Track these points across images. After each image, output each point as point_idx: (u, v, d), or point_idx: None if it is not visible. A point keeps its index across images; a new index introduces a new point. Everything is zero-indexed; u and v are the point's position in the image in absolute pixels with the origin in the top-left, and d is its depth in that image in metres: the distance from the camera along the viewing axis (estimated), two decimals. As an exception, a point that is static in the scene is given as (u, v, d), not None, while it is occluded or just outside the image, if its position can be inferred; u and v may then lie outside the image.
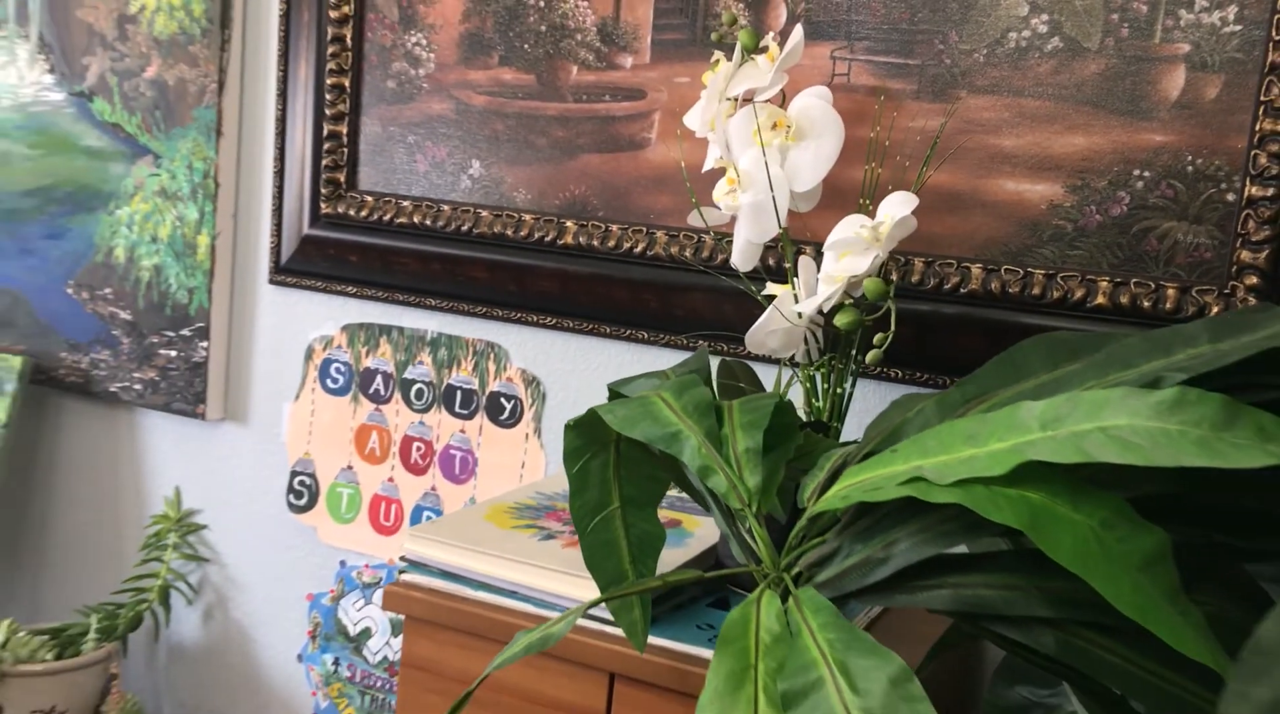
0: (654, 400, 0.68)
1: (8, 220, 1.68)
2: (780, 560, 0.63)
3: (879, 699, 0.51)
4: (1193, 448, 0.52)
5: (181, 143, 1.53)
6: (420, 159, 1.38)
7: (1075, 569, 0.52)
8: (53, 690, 1.47)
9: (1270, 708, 0.44)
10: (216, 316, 1.54)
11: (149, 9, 1.54)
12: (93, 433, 1.68)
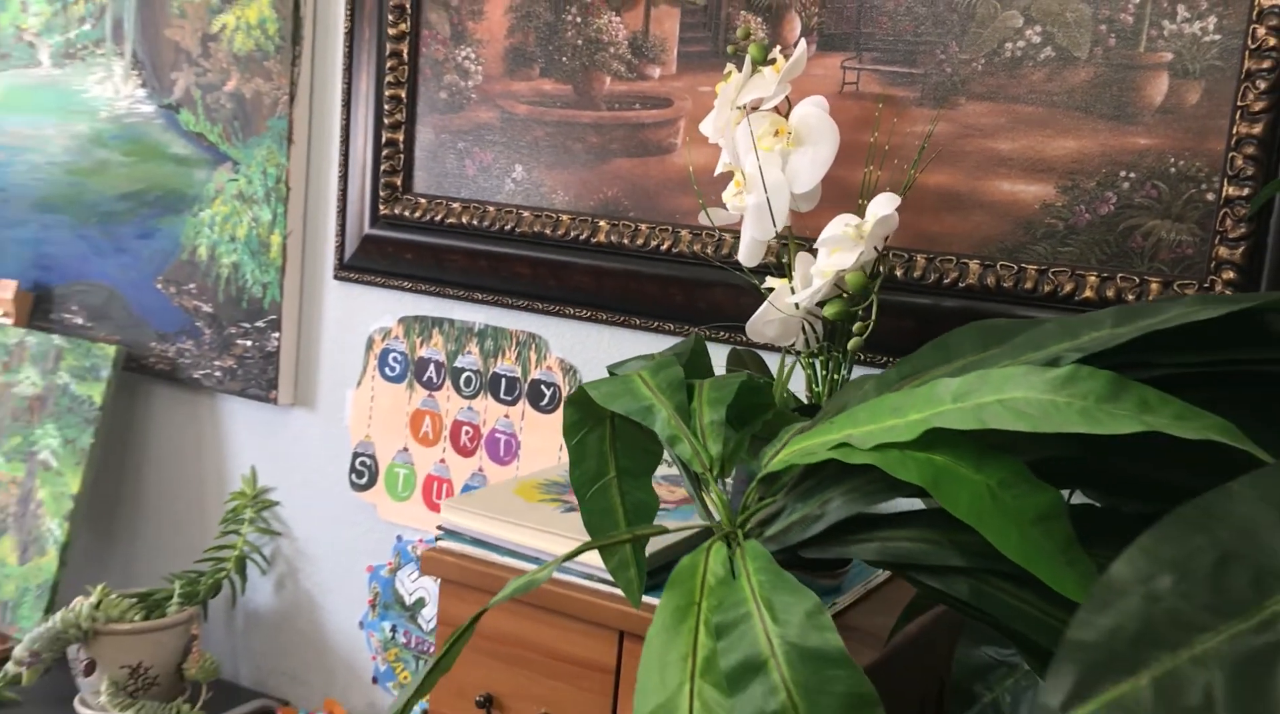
0: (634, 378, 0.77)
1: (105, 222, 1.84)
2: (736, 518, 0.72)
3: (795, 628, 0.59)
4: (1077, 417, 0.59)
5: (257, 150, 1.66)
6: (469, 164, 1.49)
7: (970, 521, 0.60)
8: (139, 648, 1.62)
9: (1110, 634, 0.51)
10: (287, 309, 1.67)
11: (229, 28, 1.68)
12: (178, 416, 1.83)
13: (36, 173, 1.91)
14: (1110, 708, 0.50)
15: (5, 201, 1.95)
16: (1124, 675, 0.50)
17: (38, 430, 1.80)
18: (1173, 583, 0.52)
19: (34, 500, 1.78)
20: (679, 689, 0.60)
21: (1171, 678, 0.50)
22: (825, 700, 0.57)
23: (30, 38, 1.91)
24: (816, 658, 0.58)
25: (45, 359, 1.83)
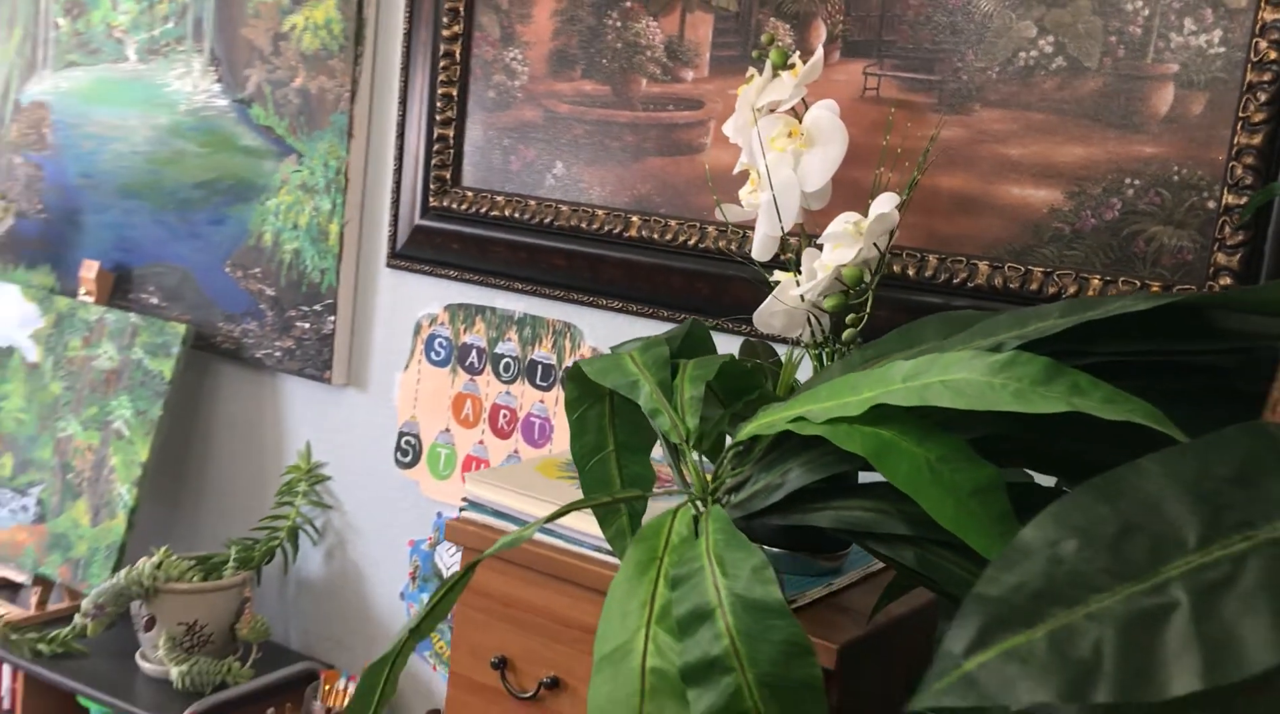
0: (624, 356, 0.83)
1: (181, 208, 1.95)
2: (708, 486, 0.77)
3: (742, 582, 0.65)
4: (1010, 397, 0.64)
5: (320, 143, 1.76)
6: (513, 159, 1.56)
7: (908, 491, 0.65)
8: (196, 607, 1.72)
9: (1013, 590, 0.56)
10: (343, 295, 1.76)
11: (298, 28, 1.78)
12: (241, 393, 1.93)
13: (121, 161, 2.04)
14: (1006, 656, 0.55)
15: (93, 187, 2.08)
16: (1022, 628, 0.55)
17: (113, 401, 1.92)
18: (1076, 547, 0.57)
19: (107, 466, 1.90)
20: (636, 633, 0.66)
21: (1066, 631, 0.55)
22: (764, 647, 0.63)
23: (119, 34, 2.04)
24: (759, 608, 0.64)
25: (122, 335, 1.95)
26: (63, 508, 1.92)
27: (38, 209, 2.17)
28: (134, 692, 1.70)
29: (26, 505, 1.98)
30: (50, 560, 1.90)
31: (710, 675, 0.63)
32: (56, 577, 1.89)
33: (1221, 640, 0.52)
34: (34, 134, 2.17)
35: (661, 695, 0.64)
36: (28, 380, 2.04)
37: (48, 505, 1.94)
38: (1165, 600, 0.54)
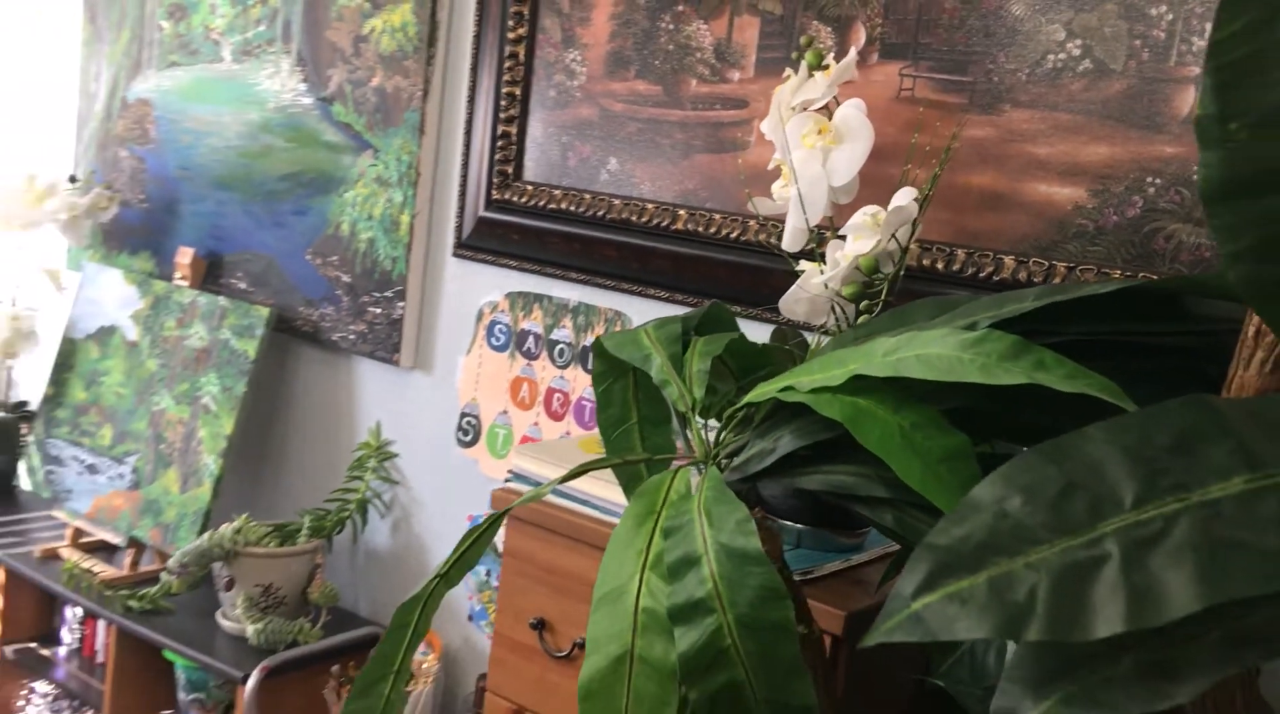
0: (640, 332, 0.90)
1: (268, 199, 2.08)
2: (712, 450, 0.84)
3: (726, 533, 0.71)
4: (976, 371, 0.69)
5: (394, 139, 1.86)
6: (570, 155, 1.64)
7: (880, 454, 0.70)
8: (272, 570, 1.84)
9: (960, 540, 0.61)
10: (411, 282, 1.86)
11: (377, 30, 1.88)
12: (317, 373, 2.05)
13: (215, 155, 2.17)
14: (949, 598, 0.60)
15: (189, 179, 2.22)
16: (965, 574, 0.60)
17: (202, 378, 2.05)
18: (1020, 503, 0.62)
19: (195, 439, 2.03)
20: (631, 576, 0.73)
21: (1005, 578, 0.60)
22: (743, 591, 0.69)
23: (216, 36, 2.17)
24: (739, 556, 0.70)
25: (212, 317, 2.08)
26: (155, 476, 2.06)
27: (140, 199, 2.32)
28: (214, 647, 1.82)
29: (123, 473, 2.12)
30: (143, 524, 2.04)
31: (695, 615, 0.70)
32: (148, 540, 2.02)
33: (1146, 589, 0.57)
34: (138, 129, 2.32)
35: (651, 632, 0.71)
36: (127, 357, 2.19)
37: (142, 473, 2.08)
38: (1098, 553, 0.59)
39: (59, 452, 2.22)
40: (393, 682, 0.86)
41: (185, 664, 1.92)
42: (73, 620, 2.22)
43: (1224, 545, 0.57)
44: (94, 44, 2.41)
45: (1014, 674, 0.63)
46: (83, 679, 2.15)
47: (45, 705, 2.18)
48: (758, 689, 0.69)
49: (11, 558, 2.09)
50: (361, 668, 0.87)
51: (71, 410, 2.24)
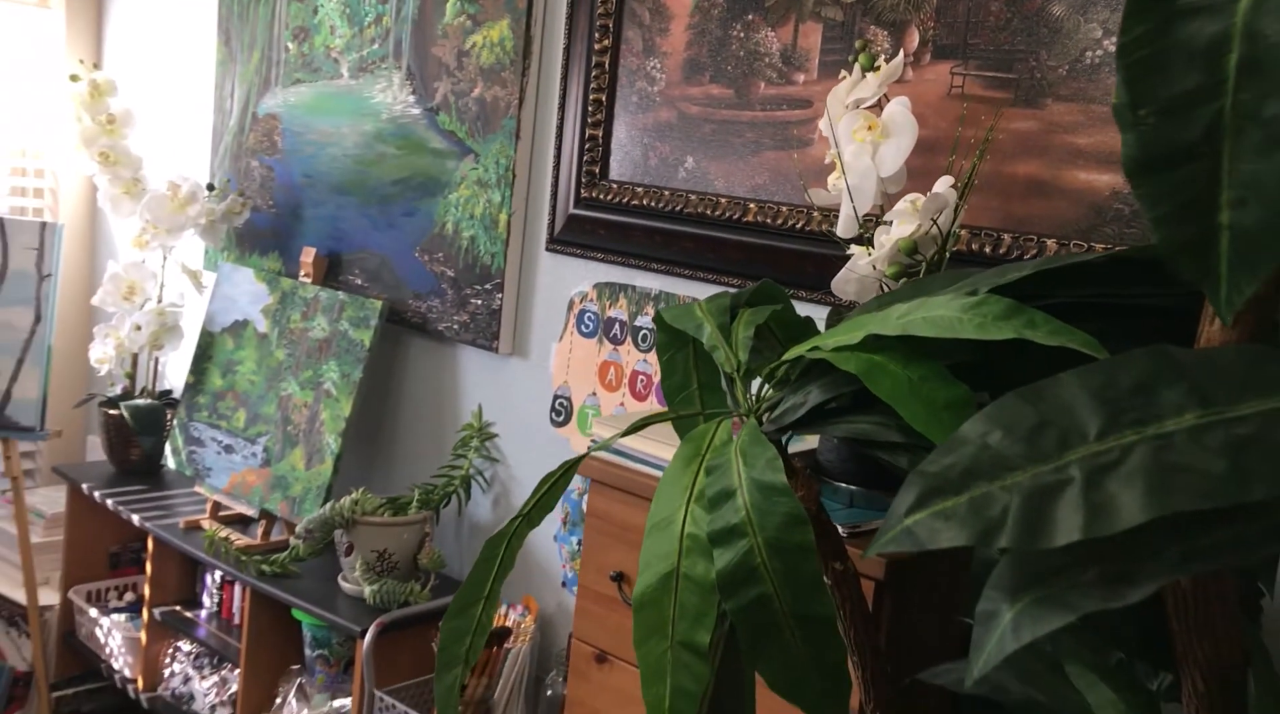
0: (694, 306, 1.01)
1: (381, 203, 2.26)
2: (752, 406, 0.95)
3: (758, 470, 0.82)
4: (973, 328, 0.79)
5: (492, 144, 2.01)
6: (651, 155, 1.77)
7: (890, 402, 0.80)
8: (385, 537, 2.01)
9: (948, 468, 0.71)
10: (509, 275, 2.01)
11: (478, 45, 2.04)
12: (425, 360, 2.22)
13: (335, 163, 2.36)
14: (935, 515, 0.70)
15: (312, 186, 2.42)
16: (950, 496, 0.70)
17: (324, 366, 2.24)
18: (1000, 437, 0.71)
19: (318, 420, 2.22)
20: (678, 508, 0.85)
21: (984, 498, 0.70)
22: (770, 517, 0.80)
23: (335, 55, 2.36)
24: (768, 488, 0.81)
25: (332, 310, 2.27)
26: (283, 454, 2.26)
27: (269, 205, 2.53)
28: (335, 606, 2.00)
29: (255, 452, 2.33)
30: (273, 498, 2.24)
31: (730, 539, 0.81)
32: (277, 511, 2.22)
33: (1101, 506, 0.66)
34: (267, 141, 2.53)
35: (694, 554, 0.83)
36: (258, 348, 2.40)
37: (272, 452, 2.29)
38: (1064, 477, 0.69)
39: (199, 434, 2.45)
40: (483, 605, 1.00)
41: (311, 622, 2.11)
42: (212, 585, 2.44)
43: (1171, 469, 0.66)
44: (228, 64, 2.63)
45: (996, 583, 0.73)
46: (221, 638, 2.36)
47: (188, 662, 2.40)
48: (783, 601, 0.80)
49: (159, 529, 2.32)
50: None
51: (210, 396, 2.46)
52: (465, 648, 0.99)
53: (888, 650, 1.18)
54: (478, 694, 1.79)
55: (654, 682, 0.81)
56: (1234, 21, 0.52)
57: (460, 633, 0.98)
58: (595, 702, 1.43)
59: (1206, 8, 0.53)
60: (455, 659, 0.98)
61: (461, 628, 0.98)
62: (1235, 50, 0.53)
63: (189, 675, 2.37)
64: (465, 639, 0.99)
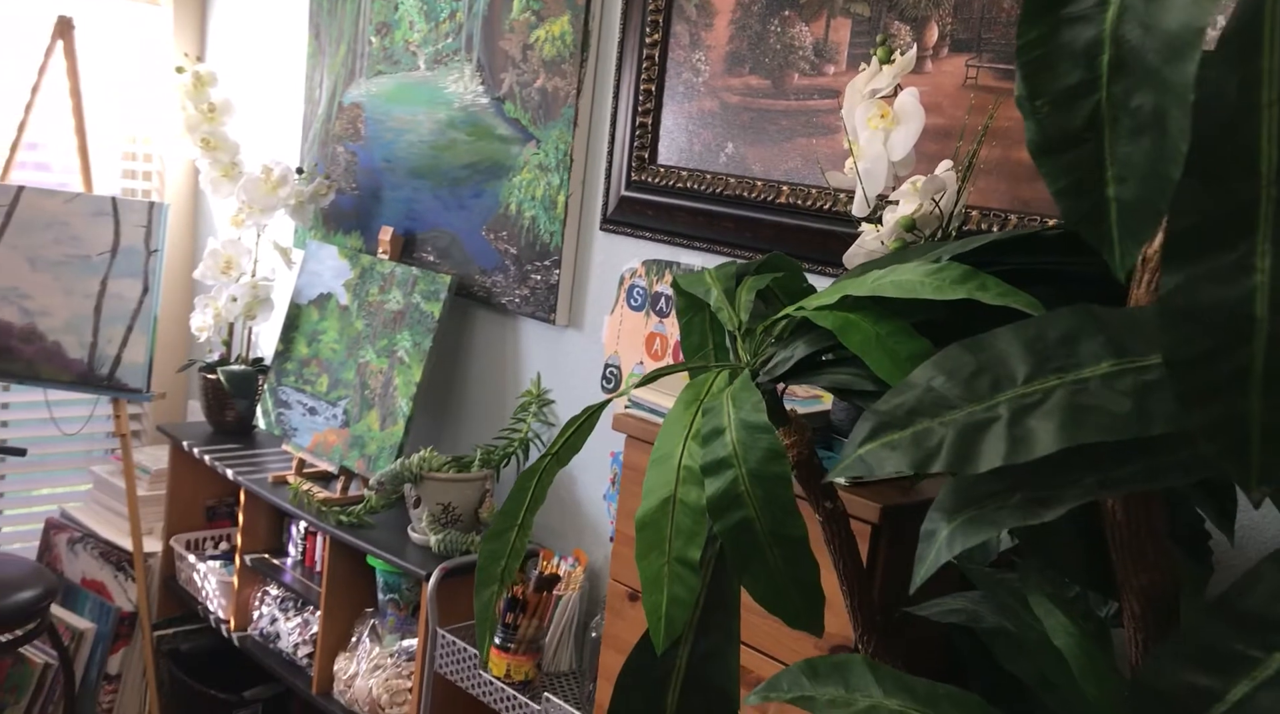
0: (705, 272, 1.13)
1: (452, 185, 2.41)
2: (750, 360, 1.06)
3: (744, 412, 0.94)
4: (930, 290, 0.89)
5: (553, 131, 2.14)
6: (695, 142, 1.88)
7: (859, 354, 0.91)
8: (450, 492, 2.16)
9: (896, 407, 0.82)
10: (566, 252, 2.14)
11: (541, 39, 2.17)
12: (489, 331, 2.37)
13: (411, 149, 2.52)
14: (884, 446, 0.81)
15: (390, 170, 2.59)
16: (897, 430, 0.81)
17: (398, 336, 2.41)
18: (943, 381, 0.82)
19: (392, 385, 2.38)
20: (677, 444, 0.97)
21: (924, 432, 0.80)
22: (753, 451, 0.92)
23: (413, 48, 2.52)
24: (752, 427, 0.93)
25: (406, 285, 2.43)
26: (361, 416, 2.43)
27: (352, 187, 2.70)
28: (405, 553, 2.16)
29: (336, 414, 2.50)
30: (351, 456, 2.41)
31: (719, 470, 0.93)
32: (355, 468, 2.39)
33: (1021, 437, 0.77)
34: (351, 128, 2.70)
35: (688, 483, 0.95)
36: (340, 319, 2.57)
37: (350, 414, 2.46)
38: (993, 415, 0.79)
39: (287, 397, 2.64)
40: (516, 531, 1.13)
41: (384, 568, 2.28)
42: (297, 536, 2.63)
43: (1083, 408, 0.77)
44: (317, 58, 2.81)
45: (937, 507, 0.84)
46: (304, 583, 2.55)
47: (275, 605, 2.59)
48: (763, 523, 0.91)
49: (250, 483, 2.51)
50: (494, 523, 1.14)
51: (297, 363, 2.64)
52: (501, 568, 1.12)
53: (883, 589, 1.29)
54: (529, 634, 1.94)
55: (653, 591, 0.94)
56: (1104, 28, 0.62)
57: (496, 555, 1.11)
58: (629, 635, 1.56)
59: (1083, 16, 0.63)
60: (492, 578, 1.11)
61: (497, 550, 1.11)
62: (1106, 52, 0.63)
63: (275, 617, 2.56)
64: (501, 561, 1.11)
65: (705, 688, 0.99)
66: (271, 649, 2.52)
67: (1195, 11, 0.58)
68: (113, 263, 2.67)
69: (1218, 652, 0.73)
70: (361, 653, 2.29)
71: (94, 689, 2.85)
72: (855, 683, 0.95)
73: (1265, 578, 0.72)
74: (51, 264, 2.66)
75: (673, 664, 0.99)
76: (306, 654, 2.44)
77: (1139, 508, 0.89)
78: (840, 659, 0.97)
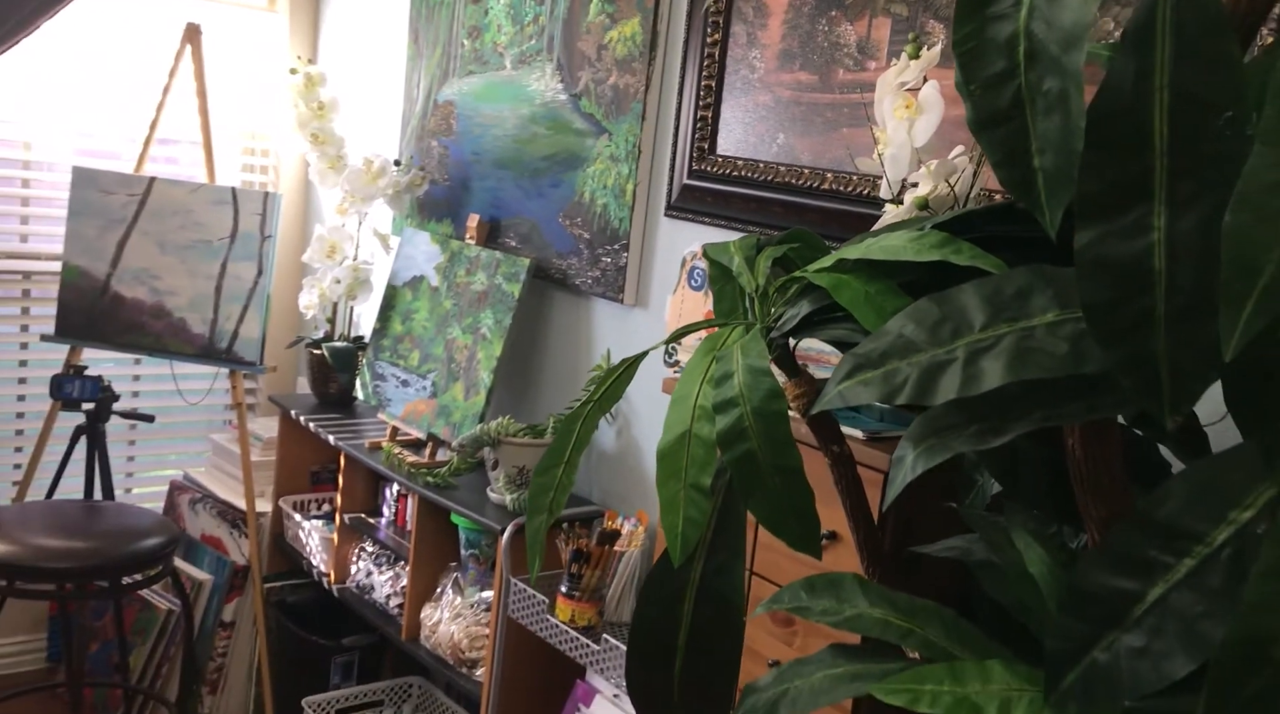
0: (729, 244, 1.26)
1: (533, 176, 2.58)
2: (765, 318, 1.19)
3: (750, 358, 1.07)
4: (911, 253, 1.02)
5: (623, 125, 2.29)
6: (750, 133, 2.01)
7: (850, 309, 1.04)
8: (525, 455, 2.33)
9: (871, 350, 0.94)
10: (634, 237, 2.29)
11: (614, 40, 2.32)
12: (563, 309, 2.53)
13: (497, 143, 2.70)
14: (859, 383, 0.94)
15: (478, 162, 2.77)
16: (870, 370, 0.94)
17: (481, 314, 2.59)
18: (912, 329, 0.94)
19: (475, 359, 2.57)
20: (694, 386, 1.11)
21: (893, 371, 0.93)
22: (756, 392, 1.05)
23: (500, 49, 2.70)
24: (756, 371, 1.06)
25: (490, 268, 2.61)
26: (447, 388, 2.62)
27: (444, 178, 2.90)
28: (484, 511, 2.34)
29: (425, 386, 2.70)
30: (438, 424, 2.60)
31: (728, 408, 1.06)
32: (441, 435, 2.59)
33: (973, 374, 0.89)
34: (444, 124, 2.90)
35: (702, 420, 1.08)
36: (430, 299, 2.77)
37: (438, 386, 2.65)
38: (951, 357, 0.91)
39: (382, 371, 2.85)
40: (563, 468, 1.28)
41: (465, 525, 2.46)
42: (390, 497, 2.84)
43: (1028, 351, 0.88)
44: (415, 59, 3.01)
45: (907, 438, 0.96)
46: (396, 540, 2.76)
47: (370, 560, 2.80)
48: (763, 454, 1.05)
49: (350, 448, 2.72)
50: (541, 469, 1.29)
51: (392, 340, 2.85)
52: (549, 499, 1.27)
53: (895, 531, 1.41)
54: (592, 584, 2.09)
55: (670, 513, 1.08)
56: (1019, 24, 0.74)
57: (545, 488, 1.26)
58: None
59: (1003, 15, 0.75)
60: (541, 508, 1.27)
61: (546, 484, 1.26)
62: (1021, 44, 0.74)
63: (370, 571, 2.77)
64: (549, 493, 1.26)
65: (715, 599, 1.12)
66: (366, 600, 2.73)
67: (1083, 10, 0.70)
68: (231, 247, 2.92)
69: (1136, 558, 0.84)
70: (445, 603, 2.48)
71: (210, 634, 3.11)
72: (846, 596, 1.08)
73: (1175, 493, 0.83)
74: (178, 248, 2.92)
75: (687, 578, 1.12)
76: (397, 604, 2.64)
77: (1095, 446, 1.00)
78: (834, 576, 1.10)
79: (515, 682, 2.26)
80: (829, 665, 1.05)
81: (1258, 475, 0.79)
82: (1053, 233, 0.82)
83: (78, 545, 2.55)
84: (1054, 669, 0.88)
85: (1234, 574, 0.79)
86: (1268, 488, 0.78)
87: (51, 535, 2.57)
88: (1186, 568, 0.82)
